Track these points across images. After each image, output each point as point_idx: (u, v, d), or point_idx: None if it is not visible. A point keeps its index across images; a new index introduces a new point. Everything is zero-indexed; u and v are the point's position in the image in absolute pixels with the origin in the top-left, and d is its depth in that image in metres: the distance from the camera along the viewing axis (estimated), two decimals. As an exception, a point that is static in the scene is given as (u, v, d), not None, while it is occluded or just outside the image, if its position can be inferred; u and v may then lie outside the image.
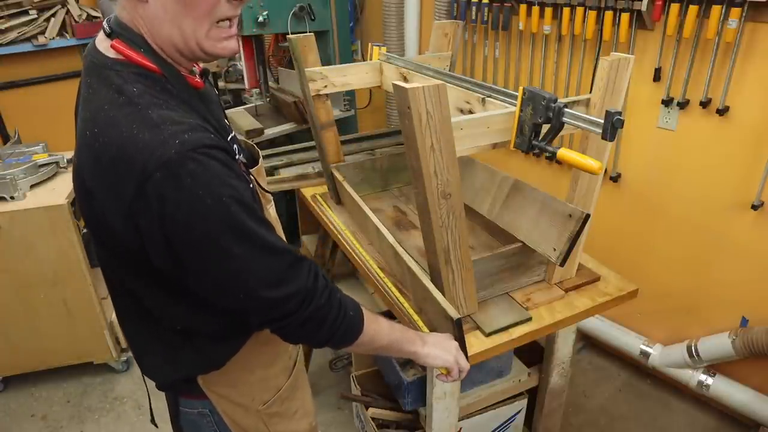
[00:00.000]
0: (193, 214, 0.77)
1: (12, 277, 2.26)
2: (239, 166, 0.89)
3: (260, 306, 0.88)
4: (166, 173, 0.75)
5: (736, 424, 2.25)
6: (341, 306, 0.96)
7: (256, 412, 1.15)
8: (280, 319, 0.89)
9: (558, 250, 1.22)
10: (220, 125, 0.95)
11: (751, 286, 2.03)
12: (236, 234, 0.81)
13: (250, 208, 0.83)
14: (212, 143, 0.80)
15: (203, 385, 1.07)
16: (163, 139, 0.76)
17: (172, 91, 0.86)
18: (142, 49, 0.84)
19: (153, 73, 0.85)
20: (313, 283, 0.91)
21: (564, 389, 1.68)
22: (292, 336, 0.94)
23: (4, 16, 3.30)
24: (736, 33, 1.76)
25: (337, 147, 1.79)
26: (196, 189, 0.76)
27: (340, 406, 2.41)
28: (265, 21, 2.32)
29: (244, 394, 1.11)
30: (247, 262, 0.83)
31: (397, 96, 1.00)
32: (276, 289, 0.86)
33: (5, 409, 2.44)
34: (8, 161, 2.33)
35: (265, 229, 0.86)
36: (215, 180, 0.78)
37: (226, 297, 0.88)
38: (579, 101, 1.17)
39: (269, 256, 0.86)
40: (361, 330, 0.99)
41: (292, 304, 0.88)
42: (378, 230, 1.43)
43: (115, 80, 0.82)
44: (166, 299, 0.93)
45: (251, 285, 0.85)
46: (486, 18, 2.45)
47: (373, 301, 2.03)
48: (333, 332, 0.95)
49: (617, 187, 2.34)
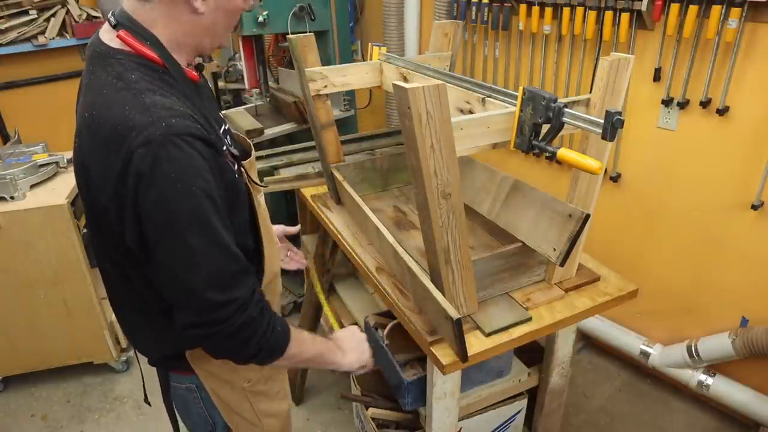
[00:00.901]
0: (162, 196, 0.81)
1: (12, 277, 2.26)
2: (226, 157, 0.95)
3: (199, 305, 0.88)
4: (147, 151, 0.80)
5: (736, 424, 2.25)
6: (270, 321, 0.97)
7: (241, 390, 1.19)
8: (212, 324, 0.89)
9: (558, 250, 1.22)
10: (214, 117, 1.00)
11: (751, 286, 2.03)
12: (197, 225, 0.84)
13: (217, 206, 0.87)
14: (197, 134, 0.85)
15: (191, 360, 1.10)
16: (152, 121, 0.81)
17: (171, 81, 0.91)
18: (148, 42, 0.90)
19: (154, 64, 0.90)
20: (251, 295, 0.93)
21: (564, 389, 1.68)
22: (220, 347, 0.94)
23: (4, 16, 3.30)
24: (736, 33, 1.76)
25: (337, 147, 1.79)
26: (171, 172, 0.81)
27: (340, 406, 2.42)
28: (265, 21, 2.32)
29: (230, 371, 1.14)
30: (200, 256, 0.86)
31: (397, 96, 1.00)
32: (220, 291, 0.88)
33: (5, 409, 2.44)
34: (8, 161, 2.33)
35: (226, 231, 0.89)
36: (191, 169, 0.82)
37: (171, 287, 0.89)
38: (579, 101, 1.17)
39: (222, 257, 0.88)
40: (287, 344, 1.01)
41: (228, 310, 0.89)
42: (378, 230, 1.43)
43: (116, 68, 0.88)
44: (148, 281, 0.95)
45: (198, 281, 0.87)
46: (486, 18, 2.45)
47: (373, 301, 2.03)
48: (262, 346, 0.96)
49: (617, 187, 2.34)
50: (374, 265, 1.52)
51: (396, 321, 1.55)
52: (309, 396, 2.47)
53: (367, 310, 1.93)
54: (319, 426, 2.33)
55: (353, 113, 2.87)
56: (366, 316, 1.71)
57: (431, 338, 1.24)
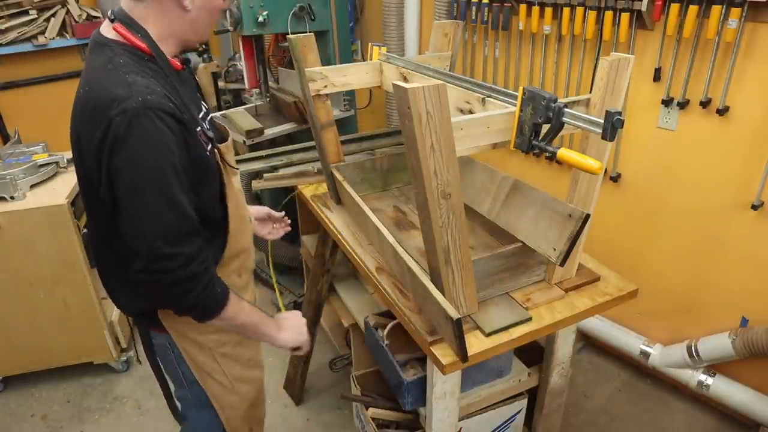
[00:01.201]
0: (131, 157, 0.97)
1: (12, 276, 2.26)
2: (200, 137, 1.10)
3: (150, 254, 1.02)
4: (123, 118, 0.95)
5: (736, 424, 2.25)
6: (210, 281, 1.09)
7: (208, 350, 1.30)
8: (157, 272, 1.03)
9: (558, 250, 1.22)
10: (194, 102, 1.16)
11: (752, 286, 2.03)
12: (157, 185, 0.99)
13: (178, 173, 1.01)
14: (169, 110, 1.00)
15: (162, 319, 1.24)
16: (130, 95, 0.97)
17: (155, 68, 1.07)
18: (139, 34, 1.06)
19: (142, 53, 1.07)
20: (196, 254, 1.05)
21: (564, 389, 1.68)
22: (164, 294, 1.07)
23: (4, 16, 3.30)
24: (736, 33, 1.76)
25: (337, 147, 1.79)
26: (142, 139, 0.96)
27: (340, 406, 2.42)
28: (265, 21, 2.32)
29: (197, 332, 1.27)
30: (156, 212, 1.00)
31: (397, 96, 1.00)
32: (169, 244, 1.02)
33: (5, 409, 2.44)
34: (8, 161, 2.33)
35: (184, 196, 1.03)
36: (158, 138, 0.98)
37: (131, 235, 1.03)
38: (579, 101, 1.17)
39: (175, 216, 1.02)
40: (224, 306, 1.12)
41: (174, 263, 1.02)
42: (378, 230, 1.43)
43: (109, 54, 1.05)
44: (123, 240, 1.06)
45: (152, 232, 1.01)
46: (486, 18, 2.45)
47: (373, 301, 2.03)
48: (199, 301, 1.08)
49: (617, 187, 2.34)
50: (374, 265, 1.52)
51: (396, 321, 1.55)
52: (309, 396, 2.47)
53: (367, 310, 1.93)
54: (319, 426, 2.33)
55: (353, 113, 2.87)
56: (366, 316, 1.71)
57: (431, 338, 1.24)
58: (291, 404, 2.43)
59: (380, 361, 1.66)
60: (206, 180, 1.13)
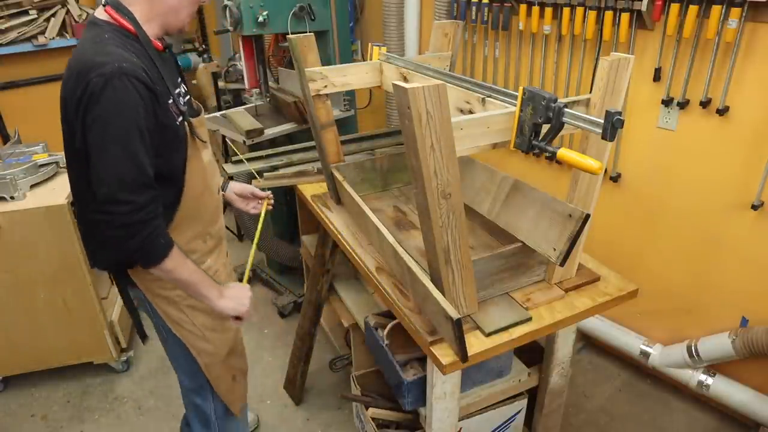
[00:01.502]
0: (102, 113, 1.12)
1: (12, 277, 2.26)
2: (171, 108, 1.25)
3: (106, 196, 1.16)
4: (100, 79, 1.10)
5: (736, 424, 2.25)
6: (155, 232, 1.21)
7: (175, 303, 1.43)
8: (108, 213, 1.16)
9: (558, 250, 1.23)
10: (172, 80, 1.31)
11: (752, 286, 2.03)
12: (121, 141, 1.14)
13: (142, 133, 1.16)
14: (142, 79, 1.15)
15: (133, 276, 1.39)
16: (108, 61, 1.12)
17: (137, 46, 1.22)
18: (126, 17, 1.22)
19: (127, 32, 1.23)
20: (147, 205, 1.18)
21: (564, 389, 1.68)
22: (112, 234, 1.19)
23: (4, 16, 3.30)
24: (736, 33, 1.76)
25: (337, 147, 1.79)
26: (113, 98, 1.11)
27: (340, 406, 2.42)
28: (265, 21, 2.32)
29: (163, 288, 1.41)
30: (117, 161, 1.14)
31: (397, 96, 1.00)
32: (123, 191, 1.15)
33: (5, 409, 2.44)
34: (8, 161, 2.33)
35: (145, 153, 1.17)
36: (127, 100, 1.12)
37: (95, 181, 1.17)
38: (579, 101, 1.17)
39: (132, 168, 1.16)
40: (164, 257, 1.24)
41: (124, 207, 1.16)
42: (378, 230, 1.43)
43: (98, 31, 1.21)
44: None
45: (110, 178, 1.15)
46: (486, 18, 2.45)
47: (373, 301, 2.03)
48: (141, 246, 1.20)
49: (617, 187, 2.34)
50: (374, 265, 1.52)
51: (396, 321, 1.55)
52: (309, 396, 2.48)
53: (367, 310, 1.93)
54: (319, 426, 2.33)
55: (353, 113, 2.87)
56: (366, 316, 1.71)
57: (431, 338, 1.24)
58: (291, 404, 2.44)
59: (380, 361, 1.66)
60: (173, 145, 1.28)
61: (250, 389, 2.50)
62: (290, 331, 2.85)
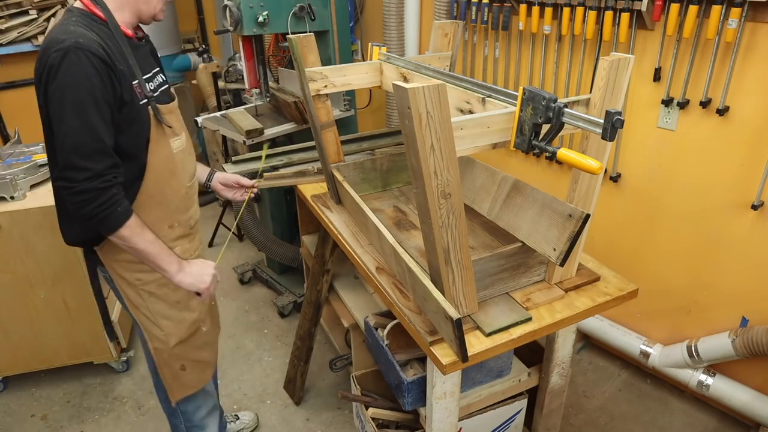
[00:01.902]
0: (60, 85, 1.20)
1: (12, 277, 2.26)
2: (135, 88, 1.32)
3: (65, 163, 1.23)
4: (58, 54, 1.19)
5: (736, 424, 2.25)
6: (112, 200, 1.27)
7: (134, 287, 1.49)
8: (66, 179, 1.24)
9: (558, 250, 1.23)
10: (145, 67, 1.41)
11: (751, 286, 2.03)
12: (77, 109, 1.21)
13: (97, 102, 1.23)
14: (97, 53, 1.22)
15: (100, 255, 1.45)
16: (67, 38, 1.21)
17: (105, 30, 1.30)
18: (98, 5, 1.32)
19: (97, 17, 1.31)
20: (103, 173, 1.25)
21: (564, 389, 1.68)
22: (70, 200, 1.27)
23: (4, 16, 3.30)
24: (736, 33, 1.76)
25: (337, 147, 1.79)
26: (68, 70, 1.20)
27: (340, 406, 2.42)
28: (265, 21, 2.31)
29: (125, 270, 1.47)
30: (73, 131, 1.22)
31: (397, 96, 1.00)
32: (80, 158, 1.22)
33: (5, 409, 2.44)
34: (8, 161, 2.33)
35: (102, 123, 1.24)
36: (82, 72, 1.20)
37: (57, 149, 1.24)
38: (579, 101, 1.17)
39: (88, 136, 1.22)
40: (121, 225, 1.30)
41: (81, 174, 1.23)
42: (378, 230, 1.43)
43: (69, 16, 1.30)
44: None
45: (68, 145, 1.22)
46: (486, 18, 2.45)
47: (373, 301, 2.03)
48: (97, 213, 1.26)
49: (617, 187, 2.34)
50: (374, 265, 1.52)
51: (396, 321, 1.55)
52: (309, 396, 2.48)
53: (367, 310, 1.94)
54: (319, 426, 2.33)
55: (353, 113, 2.87)
56: (366, 316, 1.71)
57: (431, 338, 1.24)
58: (291, 404, 2.44)
59: (380, 361, 1.66)
60: (133, 123, 1.34)
61: (250, 389, 2.52)
62: (290, 331, 2.85)
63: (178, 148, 1.48)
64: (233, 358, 2.72)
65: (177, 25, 4.13)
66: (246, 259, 3.49)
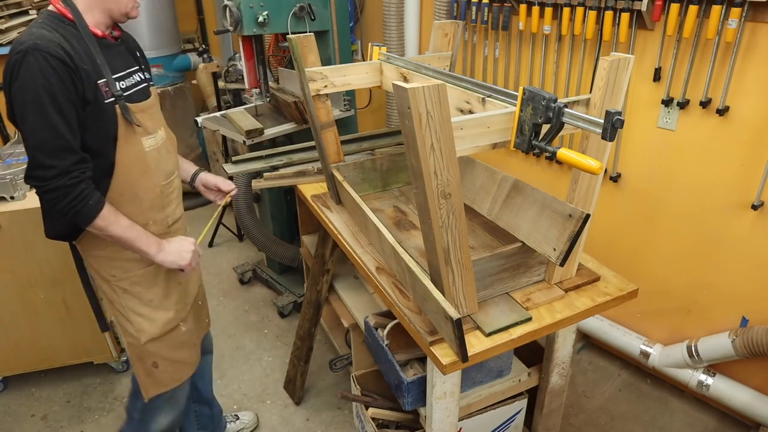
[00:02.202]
0: (20, 85, 1.25)
1: (12, 277, 2.26)
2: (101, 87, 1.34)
3: (32, 162, 1.29)
4: (18, 56, 1.24)
5: (736, 424, 2.25)
6: (82, 194, 1.31)
7: (109, 282, 1.53)
8: (35, 178, 1.29)
9: (558, 250, 1.23)
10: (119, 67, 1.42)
11: (752, 286, 2.03)
12: (36, 109, 1.25)
13: (56, 101, 1.26)
14: (56, 54, 1.25)
15: (78, 247, 1.49)
16: (27, 40, 1.25)
17: (73, 31, 1.32)
18: (68, 6, 1.34)
19: (65, 18, 1.34)
20: (70, 170, 1.29)
21: (564, 389, 1.68)
22: (43, 198, 1.34)
23: (4, 16, 3.30)
24: (736, 33, 1.76)
25: (337, 147, 1.80)
26: (27, 71, 1.24)
27: (340, 406, 2.42)
28: (265, 21, 2.32)
29: (101, 266, 1.51)
30: (35, 129, 1.26)
31: (397, 96, 1.00)
32: (45, 156, 1.27)
33: (5, 409, 2.44)
34: (8, 161, 2.33)
35: (62, 121, 1.27)
36: (40, 73, 1.24)
37: (25, 149, 1.29)
38: (579, 101, 1.17)
39: (50, 134, 1.26)
40: (95, 217, 1.35)
41: (48, 172, 1.27)
42: (378, 230, 1.43)
43: (38, 18, 1.35)
44: None
45: (34, 144, 1.27)
46: (486, 18, 2.45)
47: (373, 301, 2.03)
48: (70, 208, 1.31)
49: (617, 187, 2.34)
50: (374, 265, 1.52)
51: (396, 321, 1.55)
52: (309, 396, 2.48)
53: (367, 310, 1.94)
54: (319, 426, 2.33)
55: (353, 113, 2.87)
56: (366, 316, 1.71)
57: (431, 338, 1.24)
58: (291, 404, 2.44)
59: (380, 361, 1.66)
60: (99, 121, 1.36)
61: (250, 389, 2.52)
62: (290, 331, 2.85)
63: (151, 147, 1.49)
64: (233, 358, 2.72)
65: (177, 25, 4.13)
66: (246, 259, 3.49)
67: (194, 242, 1.57)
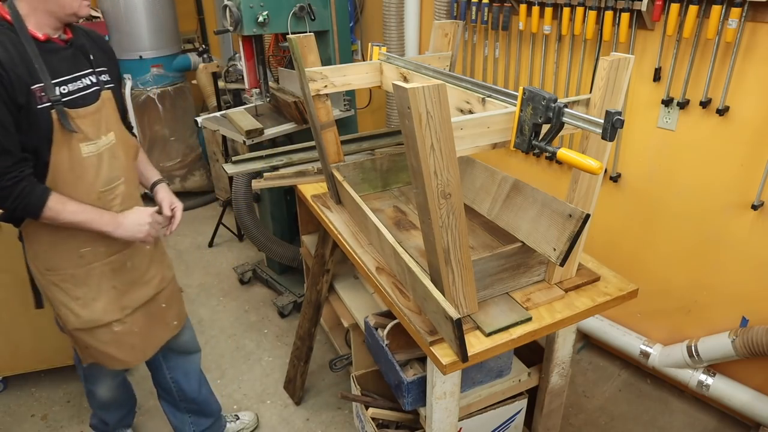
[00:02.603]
0: None
1: (12, 276, 2.26)
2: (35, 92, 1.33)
3: None
4: None
5: (736, 424, 2.25)
6: (24, 192, 1.35)
7: (43, 275, 1.58)
8: None
9: (558, 250, 1.23)
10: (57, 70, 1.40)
11: (751, 286, 2.03)
12: None
13: None
14: None
15: (23, 232, 1.54)
16: None
17: (10, 35, 1.32)
18: (10, 10, 1.34)
19: (5, 22, 1.34)
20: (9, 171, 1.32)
21: (564, 389, 1.68)
22: None
23: (4, 16, 3.29)
24: (736, 33, 1.76)
25: (337, 147, 1.80)
26: None
27: (340, 406, 2.42)
28: (265, 21, 2.32)
29: (36, 256, 1.57)
30: None
31: (397, 96, 1.00)
32: None
33: (5, 409, 2.44)
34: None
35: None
36: None
37: None
38: (579, 101, 1.17)
39: None
40: (41, 210, 1.39)
41: None
42: (378, 230, 1.43)
43: None
44: None
45: None
46: (486, 18, 2.46)
47: (373, 301, 2.03)
48: (16, 206, 1.37)
49: (617, 187, 2.34)
50: (374, 265, 1.52)
51: (396, 321, 1.55)
52: (309, 396, 2.48)
53: (367, 310, 1.94)
54: (319, 426, 2.33)
55: (353, 113, 2.87)
56: (366, 316, 1.71)
57: (431, 338, 1.24)
58: (291, 404, 2.44)
59: (380, 361, 1.66)
60: (32, 125, 1.36)
61: (250, 389, 2.52)
62: (290, 331, 2.85)
63: (90, 153, 1.48)
64: (233, 358, 2.72)
65: (177, 25, 4.13)
66: (246, 259, 3.49)
67: (151, 213, 1.58)
